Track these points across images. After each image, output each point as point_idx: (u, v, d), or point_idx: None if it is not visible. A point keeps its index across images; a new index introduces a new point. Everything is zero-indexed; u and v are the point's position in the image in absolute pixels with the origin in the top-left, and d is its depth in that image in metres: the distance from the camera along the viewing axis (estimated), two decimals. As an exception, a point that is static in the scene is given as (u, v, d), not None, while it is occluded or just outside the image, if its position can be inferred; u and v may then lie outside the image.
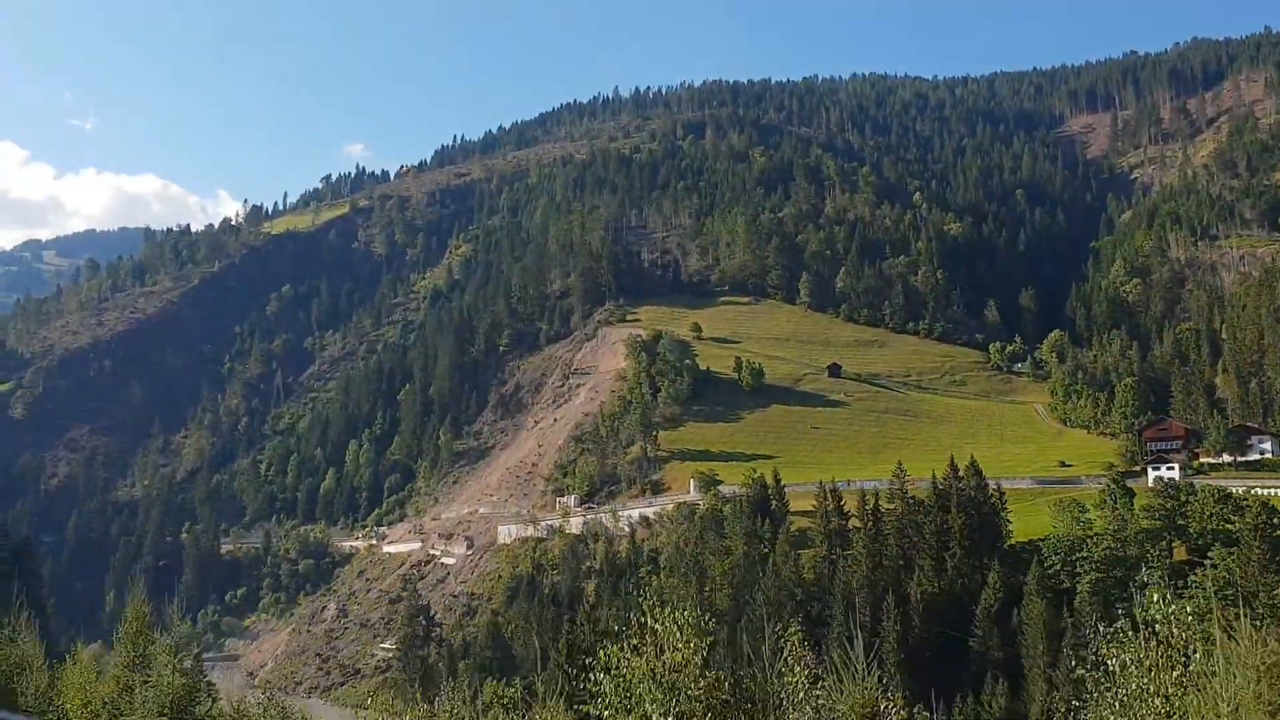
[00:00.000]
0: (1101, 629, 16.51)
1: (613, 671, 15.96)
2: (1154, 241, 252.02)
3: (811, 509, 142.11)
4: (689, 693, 15.87)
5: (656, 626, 16.31)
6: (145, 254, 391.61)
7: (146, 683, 24.48)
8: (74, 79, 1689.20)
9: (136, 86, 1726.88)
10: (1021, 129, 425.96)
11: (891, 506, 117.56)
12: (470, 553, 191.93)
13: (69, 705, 23.50)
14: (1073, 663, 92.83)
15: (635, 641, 16.26)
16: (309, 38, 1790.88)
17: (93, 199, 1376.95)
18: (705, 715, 15.74)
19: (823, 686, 18.84)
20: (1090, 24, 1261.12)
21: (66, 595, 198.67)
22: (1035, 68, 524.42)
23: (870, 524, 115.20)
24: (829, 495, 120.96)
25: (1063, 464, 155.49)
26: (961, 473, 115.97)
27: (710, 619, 18.38)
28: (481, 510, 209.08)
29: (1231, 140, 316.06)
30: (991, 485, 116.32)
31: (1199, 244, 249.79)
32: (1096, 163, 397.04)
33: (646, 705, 15.51)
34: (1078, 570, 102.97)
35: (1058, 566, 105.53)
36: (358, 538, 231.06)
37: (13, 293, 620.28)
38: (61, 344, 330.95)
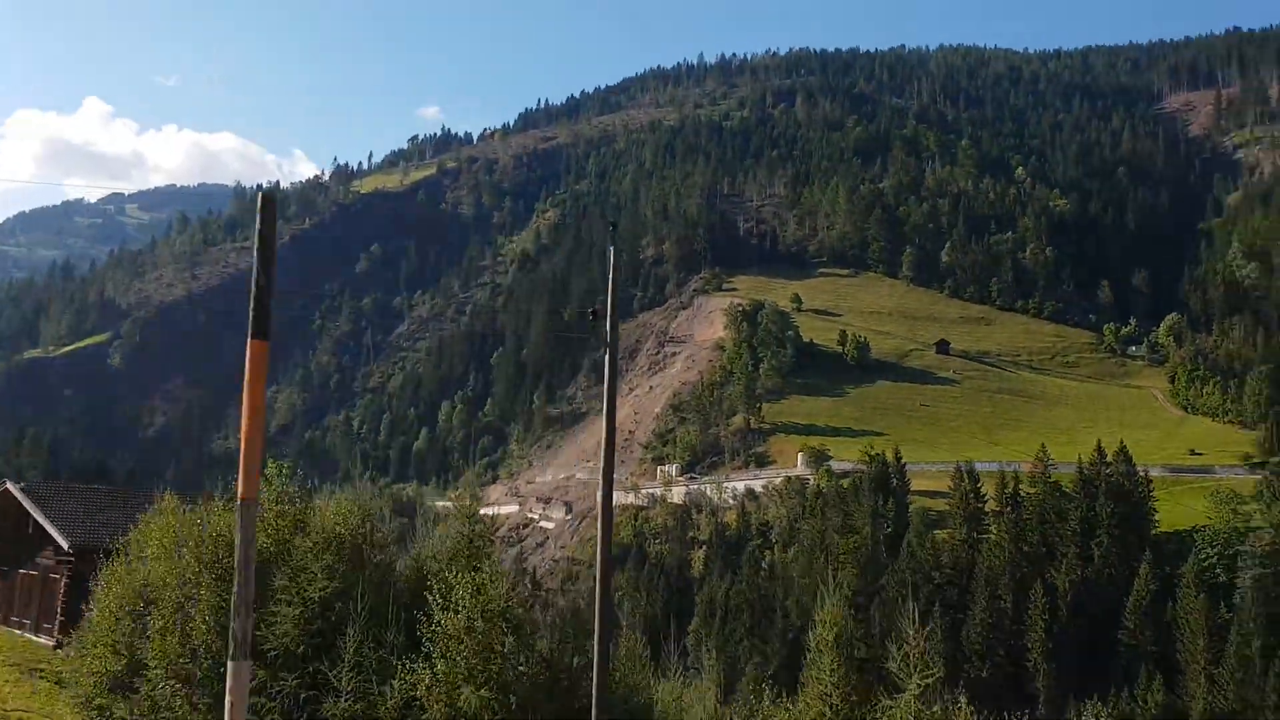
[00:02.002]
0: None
1: None
2: (1274, 225, 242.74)
3: (930, 489, 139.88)
4: None
5: None
6: (235, 209, 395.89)
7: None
8: (158, 37, 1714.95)
9: (217, 46, 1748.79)
10: (1120, 105, 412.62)
11: (1033, 491, 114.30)
12: (569, 518, 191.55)
13: None
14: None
15: None
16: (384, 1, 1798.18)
17: (173, 155, 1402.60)
18: None
19: None
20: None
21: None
22: (1131, 41, 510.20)
23: (1010, 508, 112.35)
24: (966, 477, 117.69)
25: (1193, 452, 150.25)
26: (1109, 458, 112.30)
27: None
28: (579, 475, 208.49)
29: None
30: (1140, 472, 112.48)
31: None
32: (1198, 142, 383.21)
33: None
34: (1238, 565, 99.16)
35: (1213, 559, 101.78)
36: (451, 498, 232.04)
37: (98, 244, 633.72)
38: (157, 296, 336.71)
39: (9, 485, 32.12)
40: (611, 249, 17.70)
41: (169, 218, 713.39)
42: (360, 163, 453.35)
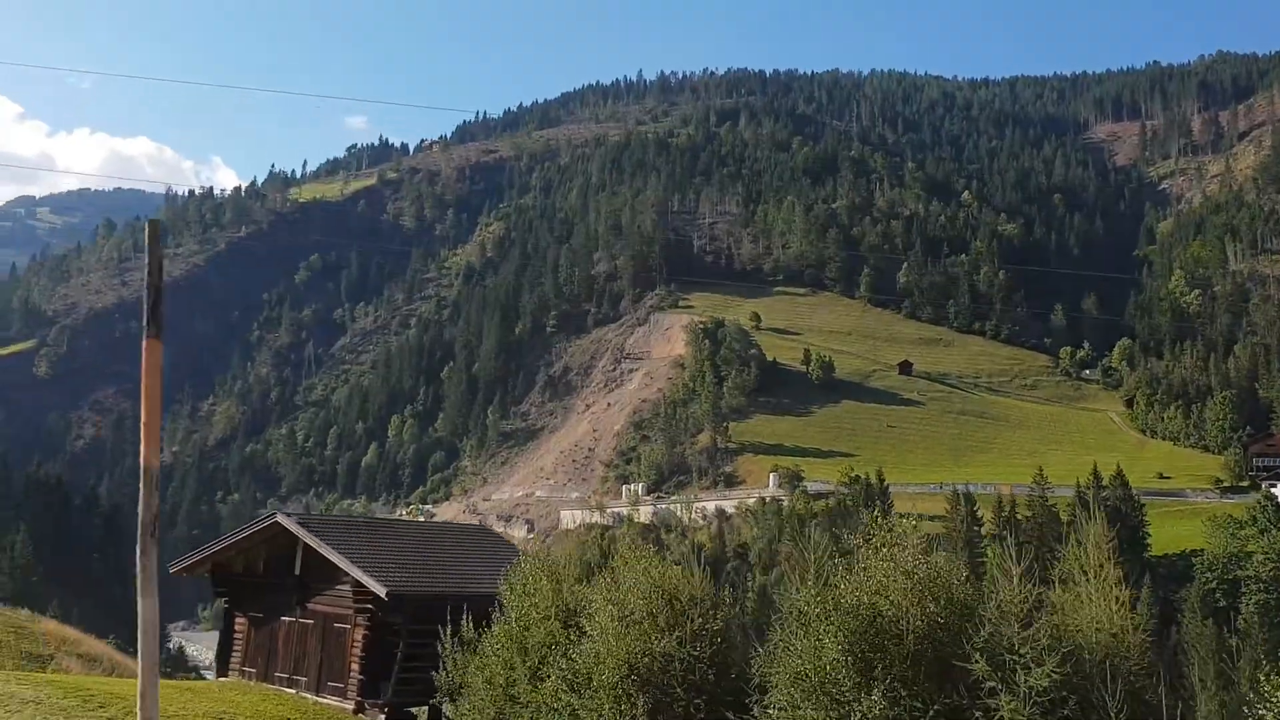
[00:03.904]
0: None
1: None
2: (1213, 253, 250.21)
3: (907, 511, 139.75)
4: None
5: None
6: (167, 215, 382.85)
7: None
8: (72, 37, 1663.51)
9: (134, 49, 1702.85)
10: (1050, 134, 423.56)
11: (1029, 514, 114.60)
12: (531, 536, 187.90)
13: None
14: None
15: None
16: (308, 5, 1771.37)
17: (85, 158, 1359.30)
18: None
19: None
20: (1109, 33, 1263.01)
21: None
22: (1056, 73, 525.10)
23: (1008, 531, 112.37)
24: (962, 499, 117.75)
25: (1161, 476, 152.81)
26: (1105, 481, 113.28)
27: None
28: (538, 493, 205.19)
29: (1277, 153, 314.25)
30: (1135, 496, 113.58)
31: (1259, 257, 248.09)
32: (1125, 171, 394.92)
33: None
34: (1241, 589, 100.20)
35: (1213, 584, 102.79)
36: (402, 514, 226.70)
37: (7, 247, 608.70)
38: (85, 303, 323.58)
39: (281, 518, 28.20)
40: None
41: (82, 222, 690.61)
42: (294, 170, 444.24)
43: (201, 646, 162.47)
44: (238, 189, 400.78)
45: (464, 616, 19.14)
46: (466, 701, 18.19)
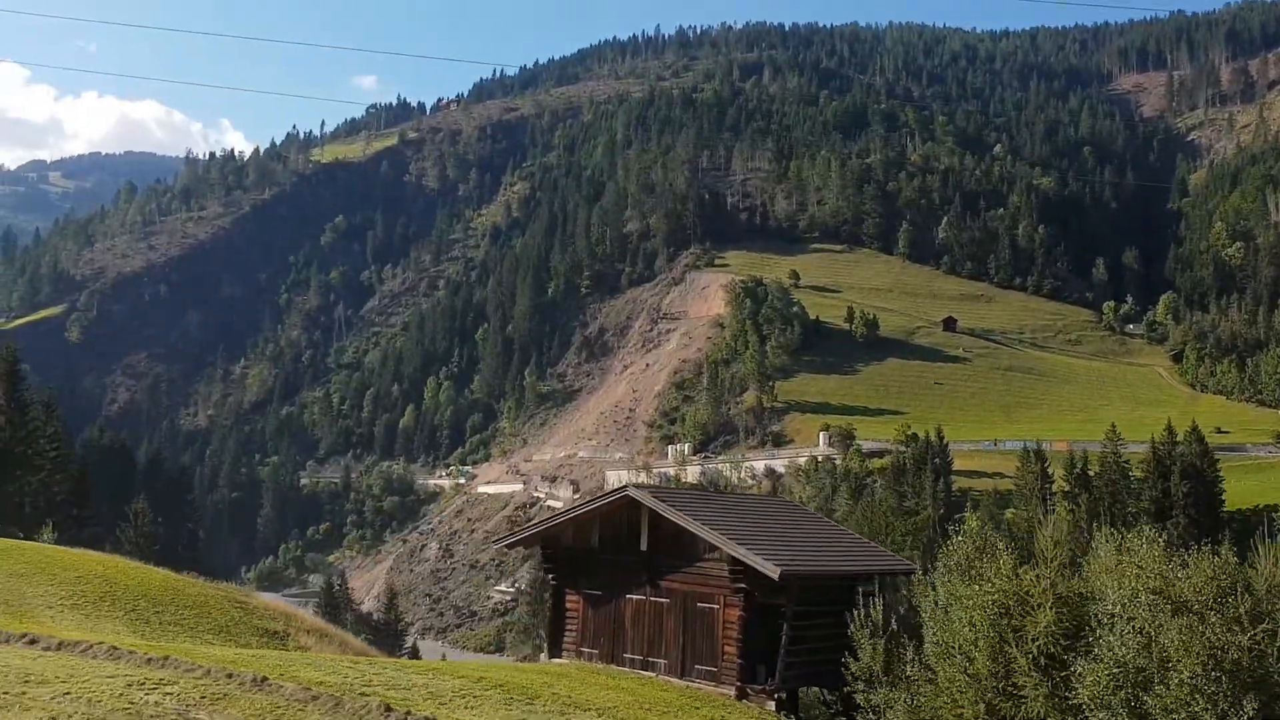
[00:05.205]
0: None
1: None
2: (1254, 204, 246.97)
3: (963, 469, 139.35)
4: None
5: None
6: (189, 179, 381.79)
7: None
8: (78, 2, 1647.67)
9: (140, 10, 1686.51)
10: (1075, 85, 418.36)
11: (1100, 470, 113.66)
12: (577, 496, 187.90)
13: None
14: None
15: None
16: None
17: (94, 122, 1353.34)
18: None
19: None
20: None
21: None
22: (1077, 23, 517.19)
23: (1081, 489, 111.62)
24: (1033, 456, 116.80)
25: (1219, 430, 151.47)
26: (1180, 437, 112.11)
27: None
28: (581, 454, 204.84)
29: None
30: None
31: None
32: (1152, 122, 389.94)
33: None
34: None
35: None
36: (442, 476, 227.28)
37: (20, 212, 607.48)
38: (113, 267, 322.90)
39: (633, 491, 27.23)
40: None
41: (95, 186, 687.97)
42: (312, 131, 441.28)
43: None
44: (257, 150, 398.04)
45: (876, 598, 18.31)
46: (935, 694, 17.25)
